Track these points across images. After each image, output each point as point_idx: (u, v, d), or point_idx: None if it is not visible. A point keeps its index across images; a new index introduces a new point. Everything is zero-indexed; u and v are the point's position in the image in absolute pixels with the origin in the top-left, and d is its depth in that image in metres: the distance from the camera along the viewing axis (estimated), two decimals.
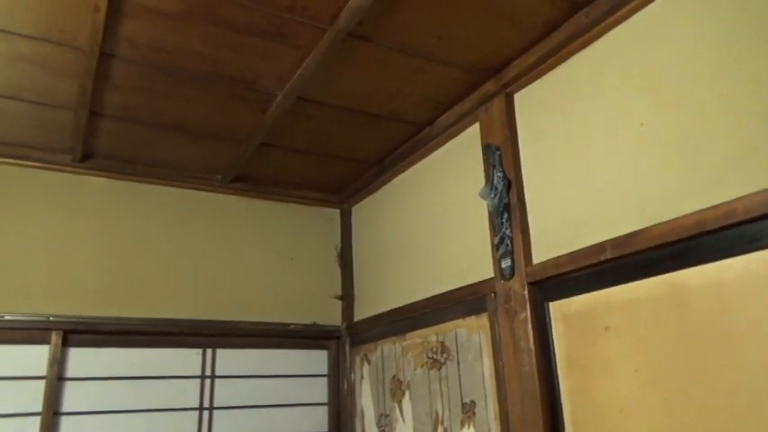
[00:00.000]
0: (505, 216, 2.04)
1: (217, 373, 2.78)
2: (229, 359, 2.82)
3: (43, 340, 2.45)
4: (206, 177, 2.95)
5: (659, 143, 1.59)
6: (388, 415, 2.64)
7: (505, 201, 2.04)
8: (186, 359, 2.73)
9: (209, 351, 2.80)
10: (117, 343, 2.60)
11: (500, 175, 2.08)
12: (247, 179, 3.02)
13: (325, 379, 3.03)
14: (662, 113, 1.60)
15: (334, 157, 2.81)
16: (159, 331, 2.67)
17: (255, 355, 2.89)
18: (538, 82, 2.04)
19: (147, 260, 2.74)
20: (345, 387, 3.01)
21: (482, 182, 2.21)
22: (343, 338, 3.08)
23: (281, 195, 3.16)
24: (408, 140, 2.64)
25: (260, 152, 2.70)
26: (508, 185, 2.05)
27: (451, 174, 2.46)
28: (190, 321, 2.74)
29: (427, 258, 2.55)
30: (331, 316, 3.11)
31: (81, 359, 2.52)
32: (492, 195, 2.10)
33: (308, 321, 3.04)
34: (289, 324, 2.97)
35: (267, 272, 3.03)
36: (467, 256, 2.30)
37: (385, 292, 2.84)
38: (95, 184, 2.72)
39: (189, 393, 2.69)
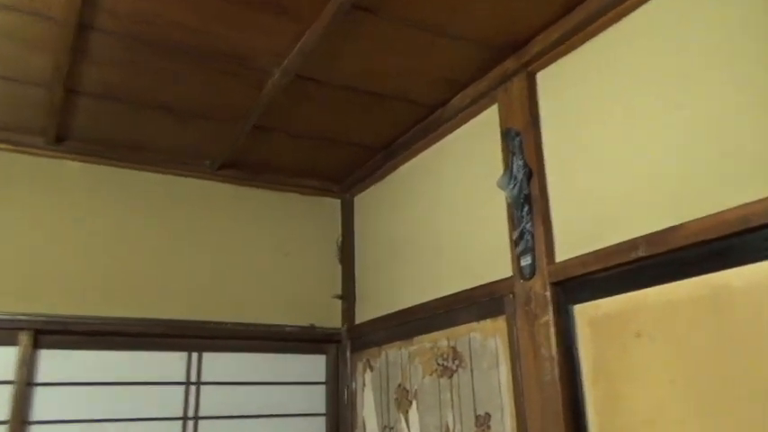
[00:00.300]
0: (526, 209, 2.03)
1: (203, 380, 2.78)
2: (217, 364, 2.83)
3: (11, 341, 2.45)
4: (193, 163, 2.95)
5: (699, 129, 1.58)
6: (392, 427, 2.65)
7: (526, 192, 2.04)
8: (170, 363, 2.74)
9: (194, 355, 2.80)
10: (93, 345, 2.61)
11: (520, 163, 2.08)
12: (239, 165, 3.02)
13: (324, 387, 3.03)
14: (702, 95, 1.58)
15: (336, 142, 2.82)
16: (140, 332, 2.68)
17: (246, 360, 2.90)
18: (563, 60, 2.03)
19: (128, 254, 2.75)
20: (345, 396, 3.01)
21: (500, 170, 2.20)
22: (344, 342, 3.08)
23: (276, 183, 3.16)
24: (418, 124, 2.64)
25: (253, 135, 2.69)
26: (529, 175, 2.04)
27: (466, 161, 2.46)
28: (174, 322, 2.75)
29: (438, 255, 2.55)
30: (330, 317, 3.12)
31: (53, 362, 2.52)
32: (511, 186, 2.10)
33: (304, 323, 3.04)
34: (283, 326, 2.98)
35: (260, 268, 3.03)
36: (482, 253, 2.30)
37: (390, 291, 2.84)
38: (71, 168, 2.72)
39: (172, 401, 2.70)
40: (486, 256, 2.27)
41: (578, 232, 1.90)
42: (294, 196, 3.21)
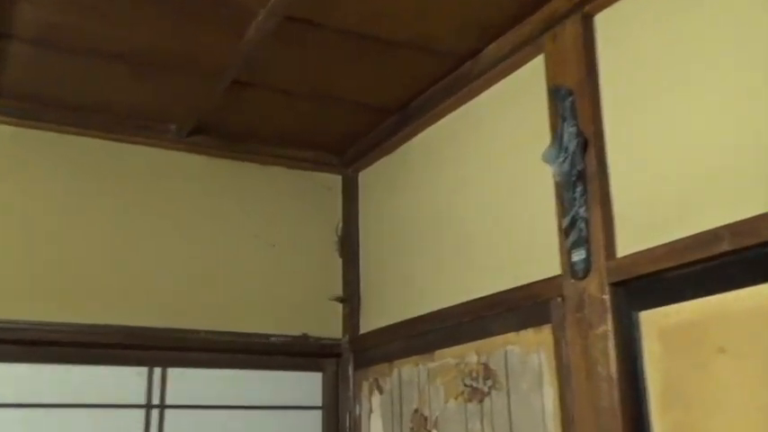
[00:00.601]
0: (579, 189, 2.03)
1: (168, 402, 2.80)
2: (185, 382, 2.86)
3: None
4: (155, 128, 2.96)
5: None
6: None
7: (579, 167, 2.04)
8: (126, 381, 2.76)
9: (156, 371, 2.82)
10: (25, 357, 2.62)
11: (572, 130, 2.07)
12: (213, 131, 3.02)
13: (320, 412, 3.04)
14: None
15: (336, 103, 2.82)
16: (86, 342, 2.69)
17: (221, 378, 2.92)
18: None
19: (71, 243, 2.77)
20: (348, 423, 3.03)
21: (546, 140, 2.20)
22: (346, 356, 3.09)
23: (259, 155, 3.16)
24: (441, 80, 2.64)
25: (232, 93, 2.69)
26: (583, 145, 2.04)
27: (502, 128, 2.45)
28: (130, 329, 2.75)
29: (466, 247, 2.55)
30: (328, 325, 3.13)
31: None
32: (560, 159, 2.10)
33: (295, 332, 3.05)
34: (268, 335, 2.99)
35: (239, 262, 3.04)
36: (522, 245, 2.30)
37: (405, 292, 2.84)
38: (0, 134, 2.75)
39: (129, 428, 2.72)
40: (528, 249, 2.27)
41: (646, 219, 1.89)
42: (282, 171, 3.21)
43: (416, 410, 2.64)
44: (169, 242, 2.93)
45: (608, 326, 1.90)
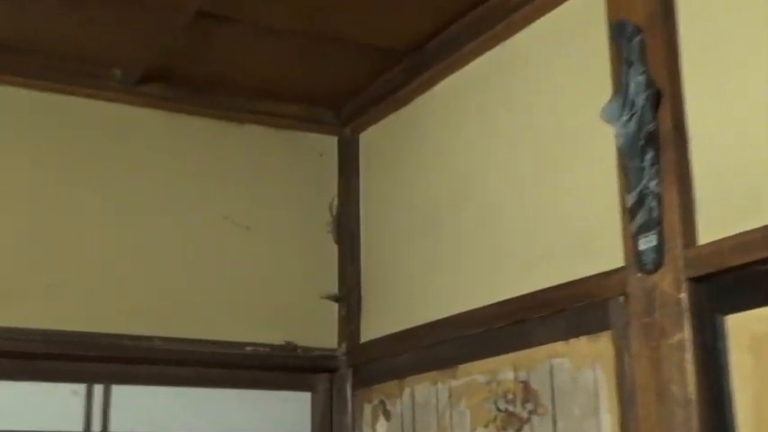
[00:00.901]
0: (649, 156, 2.02)
1: (112, 429, 2.81)
2: (134, 404, 2.87)
3: None
4: (96, 73, 2.95)
5: None
6: None
7: (650, 127, 2.02)
8: (57, 402, 2.76)
9: (97, 388, 2.82)
10: None
11: (641, 79, 2.05)
12: (171, 78, 3.02)
13: None
14: None
15: (333, 43, 2.83)
16: (7, 351, 2.68)
17: (181, 399, 2.93)
18: None
19: None
20: None
21: (606, 93, 2.18)
22: (342, 372, 3.09)
23: (231, 109, 3.17)
24: (467, 13, 2.63)
25: (196, 29, 2.68)
26: (655, 99, 2.02)
27: (546, 76, 2.45)
28: (63, 335, 2.75)
29: (497, 231, 2.55)
30: (319, 331, 3.14)
31: None
32: (625, 117, 2.08)
33: (277, 340, 3.06)
34: (243, 344, 3.00)
35: (204, 249, 3.05)
36: (573, 229, 2.30)
37: (418, 289, 2.85)
38: None
39: None
40: (580, 235, 2.26)
41: (737, 197, 1.87)
42: (261, 131, 3.22)
43: None
44: (112, 222, 2.93)
45: (685, 333, 1.88)
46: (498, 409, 2.42)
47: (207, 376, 2.97)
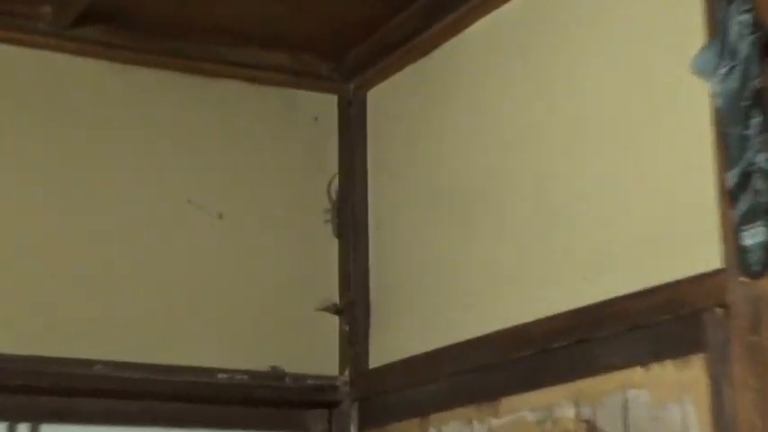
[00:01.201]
0: (756, 121, 1.96)
1: None
2: None
3: None
4: (20, 12, 2.94)
5: None
6: None
7: (757, 83, 1.96)
8: None
9: (22, 429, 2.82)
10: None
11: (745, 19, 2.00)
12: (118, 19, 3.00)
13: None
14: None
15: None
16: None
17: None
18: None
19: None
20: None
21: (699, 38, 2.15)
22: (345, 407, 3.10)
23: (201, 59, 3.15)
24: None
25: None
26: (764, 46, 1.98)
27: (616, 16, 2.45)
28: None
29: (549, 221, 2.57)
30: (315, 353, 3.14)
31: None
32: (724, 69, 2.02)
33: (261, 365, 3.03)
34: (214, 371, 2.96)
35: (162, 243, 3.05)
36: (652, 219, 2.28)
37: (444, 297, 2.85)
38: None
39: None
40: (662, 225, 2.24)
41: None
42: (240, 88, 3.21)
43: None
44: (38, 208, 2.92)
45: None
46: None
47: (165, 413, 2.93)
